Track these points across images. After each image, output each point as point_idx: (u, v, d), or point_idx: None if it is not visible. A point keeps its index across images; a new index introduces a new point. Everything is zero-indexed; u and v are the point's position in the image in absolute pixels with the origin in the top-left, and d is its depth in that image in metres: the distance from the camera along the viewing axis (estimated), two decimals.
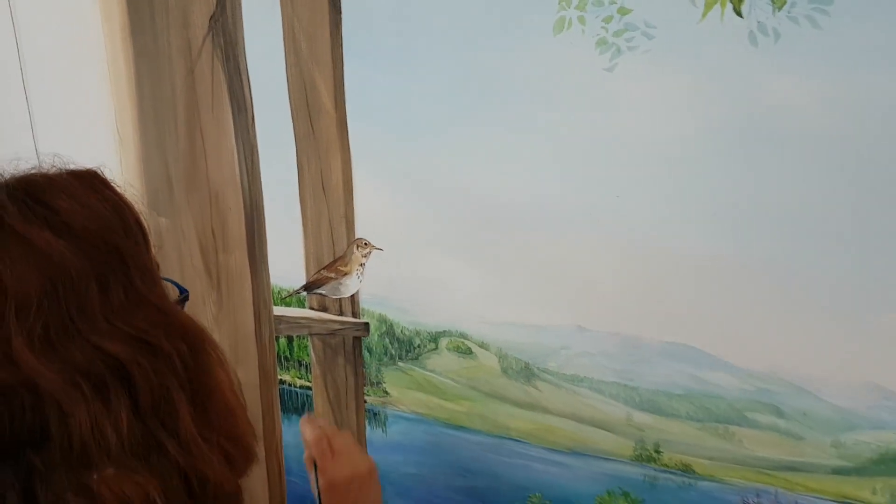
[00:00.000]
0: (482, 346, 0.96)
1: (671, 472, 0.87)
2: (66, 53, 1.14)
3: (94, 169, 0.58)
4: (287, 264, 1.08)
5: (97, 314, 0.51)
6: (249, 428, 0.61)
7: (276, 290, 1.10)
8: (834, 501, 0.79)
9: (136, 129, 1.11)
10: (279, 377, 1.14)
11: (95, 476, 0.48)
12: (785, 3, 0.69)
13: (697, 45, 0.74)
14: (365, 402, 1.09)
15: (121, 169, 1.13)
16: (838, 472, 0.77)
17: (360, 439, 1.10)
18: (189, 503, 0.52)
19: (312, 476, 0.88)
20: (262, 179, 1.06)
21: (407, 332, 1.01)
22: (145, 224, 0.58)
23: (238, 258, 1.11)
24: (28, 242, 0.50)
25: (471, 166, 0.90)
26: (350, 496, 0.85)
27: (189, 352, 0.55)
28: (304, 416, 0.89)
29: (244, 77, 1.03)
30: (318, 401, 1.12)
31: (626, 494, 0.90)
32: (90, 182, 0.57)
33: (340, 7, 0.92)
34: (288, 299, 1.10)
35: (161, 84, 1.07)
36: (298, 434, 1.14)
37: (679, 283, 0.81)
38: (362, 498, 0.86)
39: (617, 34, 0.78)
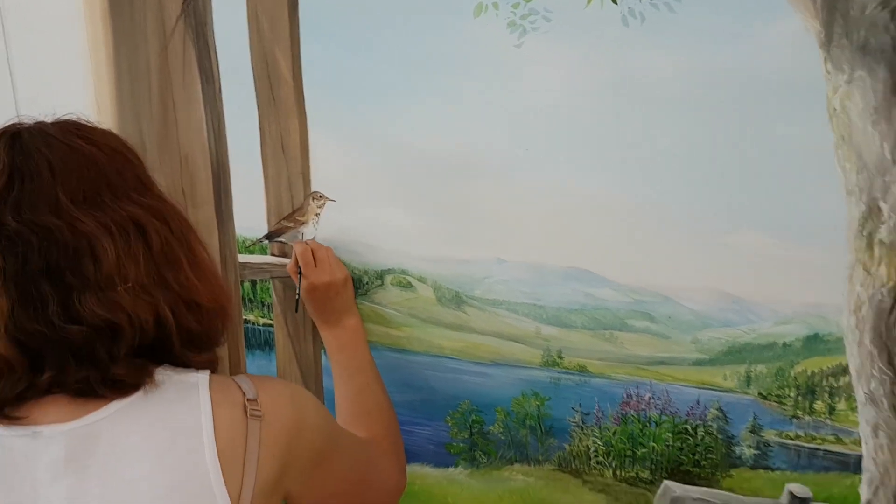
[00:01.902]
0: (420, 279, 1.14)
1: (571, 374, 1.07)
2: (50, 33, 1.28)
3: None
4: (251, 216, 1.23)
5: (119, 191, 0.72)
6: (223, 283, 0.82)
7: (240, 240, 1.26)
8: (695, 387, 1.00)
9: (114, 99, 1.25)
10: (244, 317, 1.30)
11: (120, 288, 0.67)
12: None
13: (584, 27, 0.93)
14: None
15: None
16: (697, 363, 0.98)
17: (316, 365, 1.27)
18: (189, 316, 0.71)
19: (296, 280, 1.10)
20: (228, 142, 1.22)
21: (356, 272, 1.18)
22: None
23: (206, 213, 1.26)
24: (68, 146, 0.72)
25: (408, 127, 1.07)
26: (328, 297, 1.10)
27: (183, 226, 0.74)
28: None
29: (212, 53, 1.19)
30: (280, 336, 1.29)
31: (536, 394, 1.10)
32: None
33: None
34: (252, 247, 1.26)
35: (137, 60, 1.21)
36: (262, 368, 1.32)
37: (575, 217, 1.01)
38: (338, 300, 1.11)
39: (523, 17, 0.97)
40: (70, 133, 0.73)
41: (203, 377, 0.75)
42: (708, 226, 0.93)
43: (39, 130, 0.73)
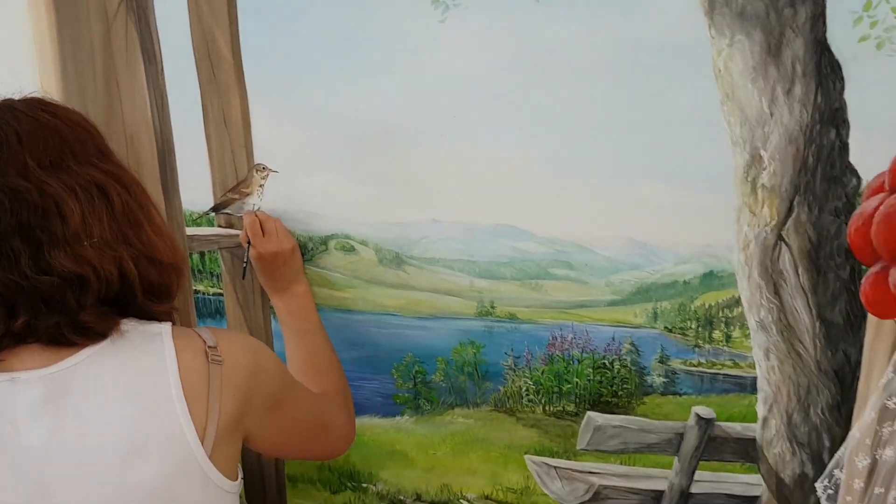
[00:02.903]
0: (362, 243, 1.23)
1: (502, 321, 1.17)
2: None
3: None
4: (197, 190, 1.30)
5: (81, 158, 0.79)
6: (178, 244, 0.90)
7: (188, 214, 1.32)
8: (610, 326, 1.11)
9: (59, 82, 1.29)
10: (194, 287, 1.37)
11: (86, 243, 0.74)
12: None
13: (499, 2, 1.02)
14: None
15: None
16: (611, 304, 1.10)
17: (267, 330, 1.35)
18: (150, 269, 0.79)
19: (245, 249, 1.17)
20: (173, 119, 1.28)
21: (301, 239, 1.25)
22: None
23: (152, 189, 1.31)
24: (34, 118, 0.79)
25: (344, 99, 1.15)
26: (276, 266, 1.17)
27: (141, 192, 0.82)
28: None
29: (154, 35, 1.24)
30: (230, 304, 1.36)
31: (472, 343, 1.20)
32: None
33: None
34: (199, 220, 1.32)
35: (81, 43, 1.26)
36: None
37: (499, 178, 1.10)
38: (286, 268, 1.18)
39: None
40: (35, 108, 0.81)
41: (166, 327, 0.83)
42: (614, 179, 1.04)
43: (7, 105, 0.81)
